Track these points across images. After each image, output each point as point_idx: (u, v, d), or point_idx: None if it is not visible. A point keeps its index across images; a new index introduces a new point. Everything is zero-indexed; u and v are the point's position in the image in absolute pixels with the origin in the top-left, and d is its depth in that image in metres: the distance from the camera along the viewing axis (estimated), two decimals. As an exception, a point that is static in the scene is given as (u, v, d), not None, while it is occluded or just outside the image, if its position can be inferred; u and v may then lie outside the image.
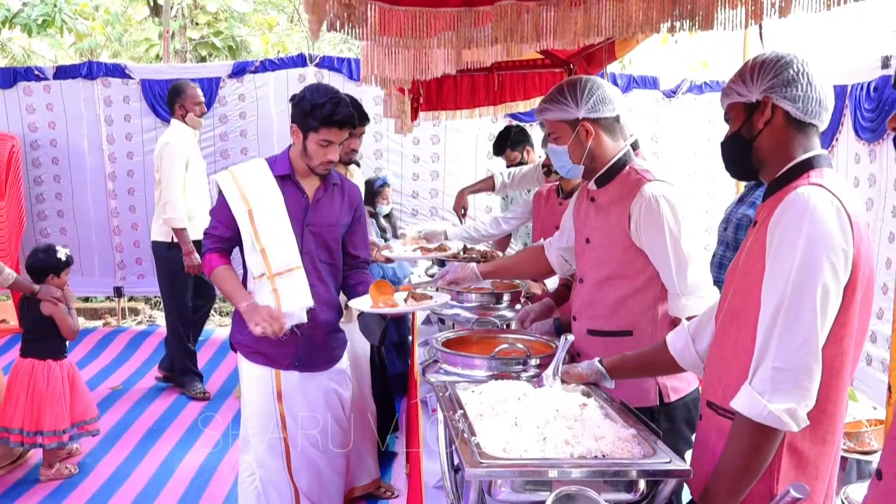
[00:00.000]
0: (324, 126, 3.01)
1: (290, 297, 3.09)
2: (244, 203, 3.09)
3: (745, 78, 1.83)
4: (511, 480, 1.67)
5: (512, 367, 2.54)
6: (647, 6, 1.70)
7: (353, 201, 3.36)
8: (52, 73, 7.88)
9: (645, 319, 2.56)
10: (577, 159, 2.60)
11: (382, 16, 1.63)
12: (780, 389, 1.64)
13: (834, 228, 1.64)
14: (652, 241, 2.46)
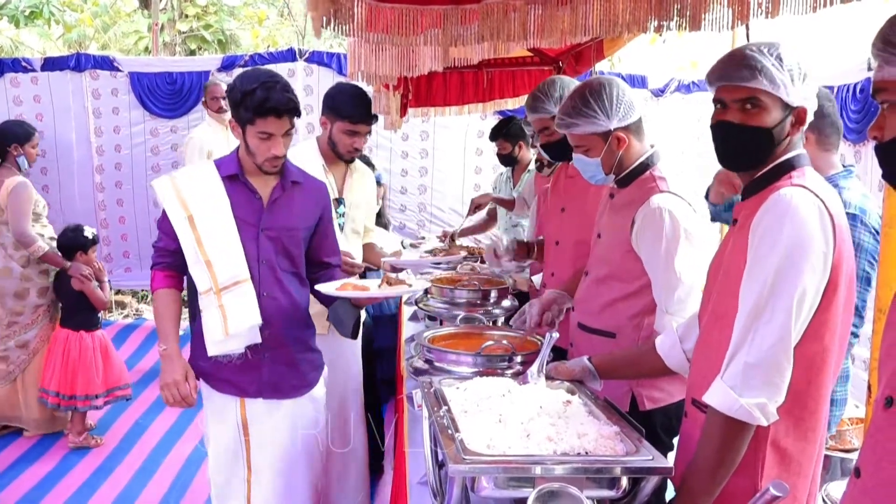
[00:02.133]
0: (258, 116, 2.59)
1: (238, 314, 2.69)
2: (183, 209, 2.70)
3: (793, 76, 1.78)
4: (494, 477, 1.68)
5: (497, 363, 2.55)
6: (635, 6, 1.70)
7: (319, 202, 2.93)
8: (40, 64, 7.82)
9: (630, 325, 2.55)
10: (608, 170, 2.57)
11: (370, 12, 1.63)
12: (751, 384, 1.67)
13: (815, 231, 1.66)
14: (648, 251, 2.45)
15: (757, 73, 1.76)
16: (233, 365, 2.76)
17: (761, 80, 1.76)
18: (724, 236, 2.05)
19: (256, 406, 2.82)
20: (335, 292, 2.74)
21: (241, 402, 2.82)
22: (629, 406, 2.49)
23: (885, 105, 1.25)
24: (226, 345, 2.71)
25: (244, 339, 2.71)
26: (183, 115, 7.84)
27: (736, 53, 1.81)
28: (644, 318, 2.51)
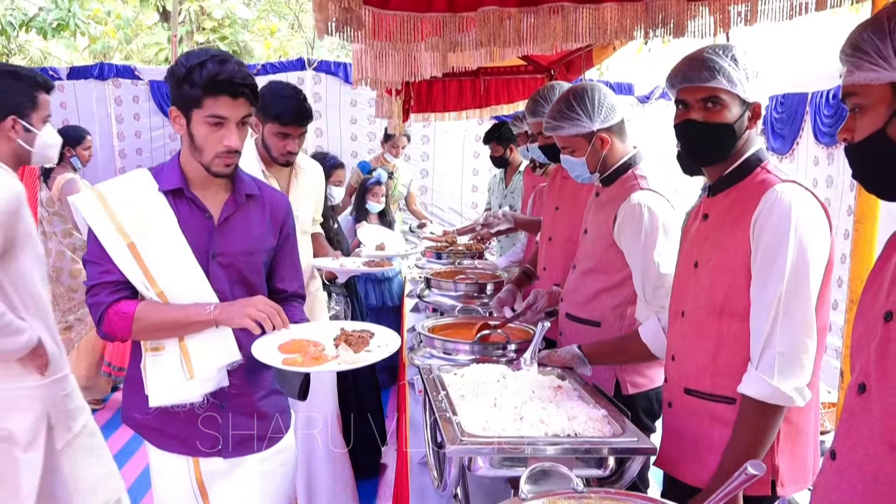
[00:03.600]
0: (208, 94, 1.90)
1: (207, 354, 2.03)
2: (120, 235, 1.97)
3: (748, 74, 1.82)
4: (490, 457, 1.67)
5: (492, 351, 2.54)
6: (622, 14, 1.69)
7: (279, 216, 2.21)
8: (66, 73, 7.85)
9: (613, 315, 2.54)
10: (593, 168, 2.56)
11: (375, 20, 1.62)
12: (786, 372, 1.70)
13: (818, 223, 1.71)
14: (628, 244, 2.44)
15: (716, 73, 1.79)
16: (182, 416, 2.08)
17: (720, 79, 1.79)
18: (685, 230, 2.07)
19: (214, 465, 2.14)
20: (281, 365, 1.89)
21: (194, 462, 2.14)
22: (613, 391, 2.48)
23: (854, 109, 1.25)
24: (181, 392, 2.03)
25: (209, 383, 2.05)
26: (200, 120, 7.85)
27: (695, 56, 1.83)
28: (626, 307, 2.50)
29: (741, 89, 1.80)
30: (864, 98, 1.22)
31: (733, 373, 1.82)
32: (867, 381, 1.22)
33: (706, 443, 1.88)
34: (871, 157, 1.23)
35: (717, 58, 1.80)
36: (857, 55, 1.20)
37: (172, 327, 2.00)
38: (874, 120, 1.20)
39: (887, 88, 1.18)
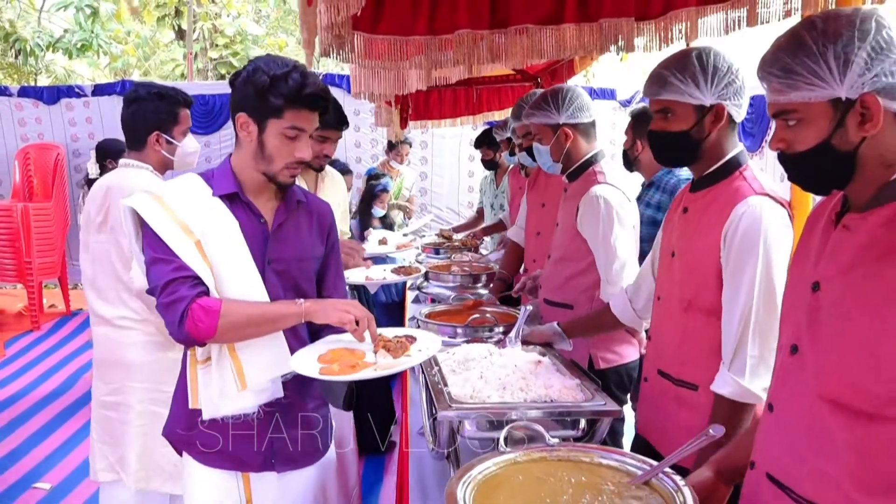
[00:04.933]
0: (291, 107, 1.79)
1: (260, 365, 1.88)
2: (185, 234, 1.81)
3: (699, 81, 1.80)
4: (476, 420, 1.79)
5: (482, 332, 2.66)
6: (580, 34, 1.81)
7: (325, 224, 2.09)
8: (91, 90, 7.98)
9: (584, 297, 2.67)
10: (556, 158, 2.70)
11: (366, 43, 1.75)
12: (757, 373, 1.75)
13: (782, 236, 1.76)
14: (589, 232, 2.57)
15: (663, 87, 1.83)
16: (231, 431, 1.93)
17: (667, 92, 1.82)
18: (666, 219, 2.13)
19: (265, 481, 1.99)
20: (318, 375, 1.78)
21: (244, 479, 1.98)
22: (587, 366, 2.61)
23: (791, 122, 1.25)
24: (235, 402, 1.89)
25: (264, 395, 1.91)
26: (215, 131, 7.98)
27: (652, 72, 1.88)
28: (594, 291, 2.63)
29: (691, 97, 1.81)
30: (802, 114, 1.22)
31: (696, 362, 1.89)
32: (799, 343, 1.29)
33: (673, 423, 1.96)
34: (815, 164, 1.24)
35: (665, 71, 1.83)
36: (790, 77, 1.21)
37: (261, 322, 1.83)
38: (818, 132, 1.21)
39: (826, 104, 1.19)
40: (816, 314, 1.24)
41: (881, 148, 1.17)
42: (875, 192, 1.19)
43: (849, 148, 1.18)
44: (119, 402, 2.64)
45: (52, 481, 4.06)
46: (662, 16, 1.79)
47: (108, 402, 2.66)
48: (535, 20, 1.80)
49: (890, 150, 1.17)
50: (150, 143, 2.66)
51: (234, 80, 1.85)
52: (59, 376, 5.88)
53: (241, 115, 1.85)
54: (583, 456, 1.56)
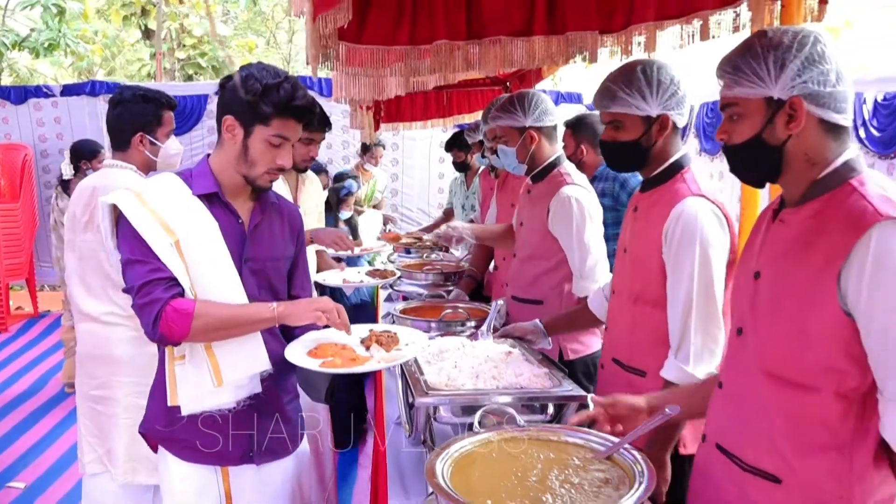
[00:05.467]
0: (278, 115, 1.86)
1: (236, 360, 1.92)
2: (166, 233, 1.84)
3: (644, 94, 1.94)
4: (450, 406, 1.90)
5: (455, 327, 2.78)
6: (548, 45, 1.95)
7: (295, 226, 2.16)
8: (59, 90, 7.94)
9: (553, 293, 2.79)
10: (521, 159, 2.83)
11: (349, 52, 1.87)
12: (700, 359, 1.90)
13: (717, 233, 1.90)
14: (562, 231, 2.70)
15: (612, 101, 1.97)
16: (212, 426, 1.97)
17: (617, 105, 1.97)
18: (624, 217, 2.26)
19: (243, 474, 2.04)
20: (320, 368, 1.88)
21: (223, 473, 2.02)
22: (558, 357, 2.75)
23: (732, 116, 1.43)
24: (213, 398, 1.92)
25: (242, 390, 1.95)
26: (185, 133, 7.99)
27: (601, 85, 2.02)
28: (563, 285, 2.76)
29: (640, 109, 1.96)
30: (742, 108, 1.40)
31: (645, 350, 2.04)
32: (744, 326, 1.45)
33: None
34: (748, 156, 1.42)
35: (613, 85, 1.97)
36: (737, 74, 1.39)
37: (233, 325, 1.86)
38: (752, 126, 1.38)
39: (762, 102, 1.37)
40: (757, 299, 1.40)
41: (805, 147, 1.34)
42: (805, 190, 1.35)
43: (777, 143, 1.36)
44: (105, 396, 2.69)
45: (26, 480, 4.09)
46: (623, 30, 1.94)
47: (95, 397, 2.71)
48: (507, 32, 1.95)
49: (813, 149, 1.34)
50: (134, 143, 2.73)
51: (225, 84, 1.92)
52: (29, 378, 5.86)
53: (228, 117, 1.90)
54: (551, 435, 1.68)
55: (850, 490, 1.28)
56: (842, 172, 1.32)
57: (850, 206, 1.25)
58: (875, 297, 1.18)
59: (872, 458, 1.27)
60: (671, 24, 1.89)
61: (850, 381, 1.26)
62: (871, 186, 1.27)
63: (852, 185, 1.28)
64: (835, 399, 1.27)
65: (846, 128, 1.35)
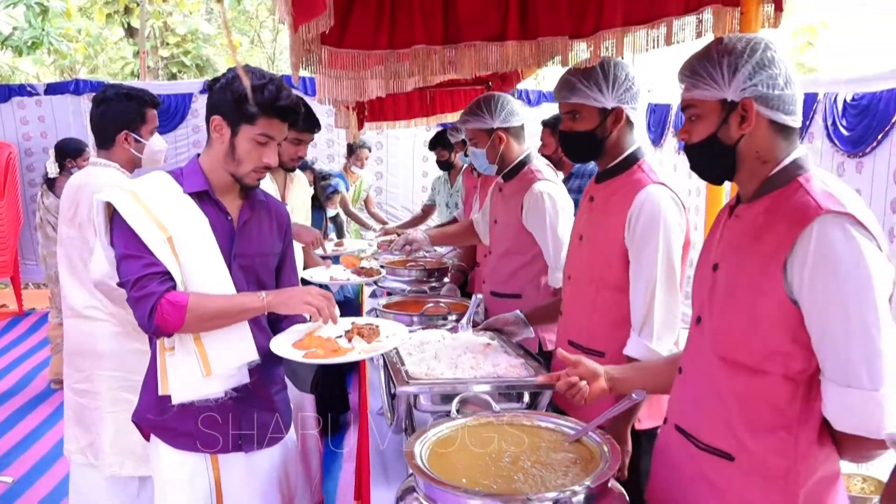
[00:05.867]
0: (264, 115, 1.94)
1: (225, 351, 1.99)
2: (159, 229, 1.91)
3: (601, 87, 2.06)
4: (430, 394, 1.99)
5: (436, 320, 2.86)
6: (520, 49, 2.05)
7: (283, 223, 2.24)
8: (43, 89, 7.94)
9: (531, 286, 2.89)
10: (492, 160, 2.93)
11: (331, 56, 1.96)
12: (662, 337, 2.01)
13: (676, 217, 2.02)
14: (536, 226, 2.80)
15: (571, 92, 2.08)
16: (201, 414, 2.04)
17: (575, 96, 2.08)
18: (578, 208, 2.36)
19: (232, 462, 2.11)
20: (303, 359, 1.96)
21: (213, 461, 2.09)
22: (537, 348, 2.84)
23: (691, 117, 1.53)
24: (202, 388, 1.99)
25: (230, 380, 2.02)
26: (170, 131, 8.01)
27: (561, 78, 2.13)
28: (540, 278, 2.86)
29: (596, 101, 2.07)
30: (699, 110, 1.50)
31: (604, 332, 2.14)
32: (702, 314, 1.55)
33: None
34: (705, 154, 1.52)
35: (573, 77, 2.09)
36: (695, 77, 1.49)
37: (226, 315, 1.95)
38: (708, 126, 1.48)
39: (717, 104, 1.46)
40: (714, 289, 1.50)
41: (756, 146, 1.45)
42: (757, 187, 1.46)
43: (730, 143, 1.46)
44: (88, 390, 2.76)
45: (15, 475, 4.14)
46: (593, 35, 2.04)
47: (79, 390, 2.78)
48: (482, 37, 2.05)
49: (763, 148, 1.45)
50: (118, 141, 2.78)
51: (213, 85, 2.00)
52: (15, 374, 5.90)
53: (216, 117, 1.98)
54: (524, 420, 1.77)
55: (796, 466, 1.38)
56: (790, 170, 1.42)
57: (795, 202, 1.36)
58: (816, 284, 1.29)
59: (817, 436, 1.37)
60: (638, 29, 1.99)
61: (797, 365, 1.36)
62: (816, 183, 1.37)
63: (799, 182, 1.39)
64: (783, 381, 1.37)
65: (795, 128, 1.45)
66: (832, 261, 1.27)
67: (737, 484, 1.44)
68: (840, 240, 1.27)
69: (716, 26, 1.85)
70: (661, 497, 1.64)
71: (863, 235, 1.27)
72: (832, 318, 1.28)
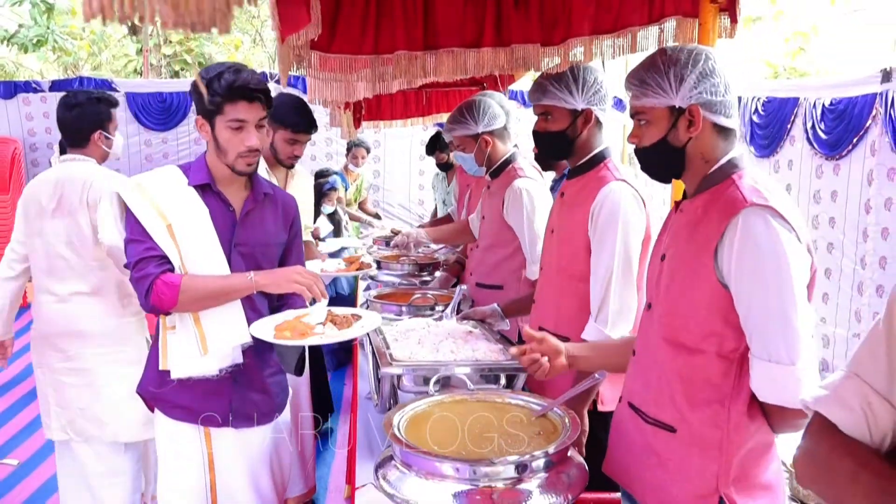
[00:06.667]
0: (228, 101, 2.04)
1: (220, 332, 2.14)
2: (160, 217, 2.08)
3: (571, 90, 2.19)
4: (412, 375, 2.13)
5: (424, 311, 3.01)
6: (495, 56, 2.21)
7: (289, 214, 2.34)
8: (48, 86, 8.09)
9: (512, 279, 3.04)
10: (480, 163, 3.09)
11: (321, 60, 2.11)
12: (617, 323, 2.14)
13: (636, 212, 2.15)
14: (515, 220, 2.94)
15: (544, 94, 2.22)
16: (197, 390, 2.18)
17: (547, 98, 2.22)
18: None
19: (224, 436, 2.23)
20: (273, 339, 2.05)
21: (205, 434, 2.22)
22: (517, 338, 2.98)
23: (641, 122, 1.66)
24: (199, 365, 2.14)
25: (224, 359, 2.16)
26: (172, 128, 8.18)
27: (535, 81, 2.27)
28: (521, 271, 3.00)
29: (565, 102, 2.21)
30: (649, 116, 1.63)
31: (570, 318, 2.27)
32: (652, 301, 1.70)
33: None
34: (656, 156, 1.65)
35: (546, 81, 2.23)
36: (644, 87, 1.62)
37: (216, 295, 2.09)
38: (658, 131, 1.61)
39: (666, 110, 1.60)
40: (661, 277, 1.65)
41: (702, 147, 1.60)
42: (699, 183, 1.60)
43: (679, 145, 1.60)
44: (77, 368, 2.96)
45: (20, 458, 4.30)
46: (562, 43, 2.19)
47: (66, 369, 2.97)
48: (459, 44, 2.20)
49: (708, 149, 1.60)
50: (93, 140, 3.03)
51: (191, 94, 2.16)
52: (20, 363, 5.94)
53: (197, 118, 2.15)
54: (496, 398, 1.92)
55: (729, 436, 1.53)
56: (726, 169, 1.57)
57: (727, 196, 1.51)
58: (741, 268, 1.44)
59: (747, 409, 1.52)
60: (605, 38, 2.14)
61: (729, 344, 1.51)
62: (746, 180, 1.52)
63: (732, 179, 1.54)
64: (717, 359, 1.53)
65: (733, 130, 1.61)
66: (754, 248, 1.42)
67: (679, 454, 1.59)
68: (762, 229, 1.42)
69: (677, 37, 2.00)
70: (615, 468, 1.79)
71: (782, 226, 1.42)
72: (755, 300, 1.43)
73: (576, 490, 1.54)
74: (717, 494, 1.54)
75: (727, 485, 1.53)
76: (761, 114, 5.94)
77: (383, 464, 1.67)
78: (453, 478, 1.51)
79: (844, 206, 4.95)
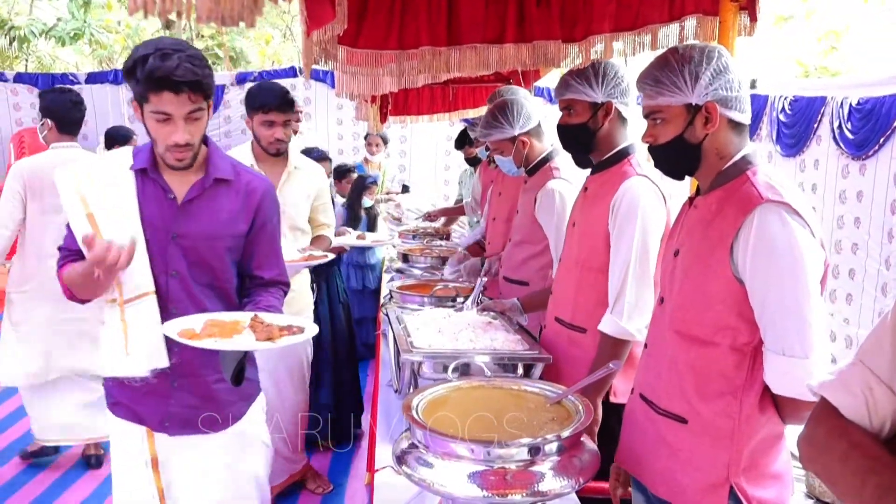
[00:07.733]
0: (151, 90, 1.78)
1: (140, 332, 1.94)
2: (82, 204, 1.91)
3: (591, 83, 2.20)
4: (432, 362, 2.18)
5: (445, 302, 3.04)
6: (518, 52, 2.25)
7: (252, 202, 2.05)
8: (84, 78, 8.27)
9: (538, 276, 3.05)
10: (519, 164, 3.08)
11: (347, 54, 2.18)
12: (633, 316, 2.15)
13: (656, 208, 2.17)
14: (545, 220, 2.94)
15: (566, 89, 2.25)
16: (135, 390, 2.00)
17: (569, 92, 2.25)
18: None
19: (165, 441, 2.06)
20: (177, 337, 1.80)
21: (147, 434, 2.06)
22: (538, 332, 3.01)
23: (657, 121, 1.67)
24: (125, 366, 1.95)
25: (147, 363, 1.94)
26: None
27: (560, 78, 2.30)
28: (547, 270, 2.99)
29: (587, 96, 2.23)
30: (665, 114, 1.64)
31: (587, 310, 2.29)
32: (665, 295, 1.72)
33: (569, 360, 2.32)
34: (673, 154, 1.67)
35: (568, 76, 2.26)
36: (658, 86, 1.63)
37: (82, 284, 1.91)
38: (675, 129, 1.63)
39: (682, 108, 1.61)
40: (675, 272, 1.68)
41: (717, 143, 1.62)
42: (713, 179, 1.63)
43: (696, 142, 1.62)
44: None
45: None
46: (583, 40, 2.23)
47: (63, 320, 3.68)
48: (482, 40, 2.25)
49: (723, 145, 1.62)
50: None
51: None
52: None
53: (131, 99, 1.91)
54: (512, 385, 1.96)
55: (740, 427, 1.56)
56: (740, 165, 1.59)
57: (742, 192, 1.53)
58: (756, 264, 1.47)
59: (758, 400, 1.55)
60: (624, 35, 2.17)
61: (742, 337, 1.54)
62: (761, 176, 1.55)
63: (747, 175, 1.56)
64: (730, 352, 1.55)
65: (746, 126, 1.63)
66: (770, 244, 1.45)
67: (690, 444, 1.62)
68: (777, 225, 1.44)
69: (697, 34, 2.02)
70: (626, 457, 1.83)
71: (797, 222, 1.45)
72: (770, 294, 1.46)
73: (587, 474, 1.57)
74: (728, 484, 1.57)
75: (738, 474, 1.56)
76: (788, 113, 5.89)
77: (401, 445, 1.72)
78: (468, 458, 1.55)
79: (870, 207, 4.91)
